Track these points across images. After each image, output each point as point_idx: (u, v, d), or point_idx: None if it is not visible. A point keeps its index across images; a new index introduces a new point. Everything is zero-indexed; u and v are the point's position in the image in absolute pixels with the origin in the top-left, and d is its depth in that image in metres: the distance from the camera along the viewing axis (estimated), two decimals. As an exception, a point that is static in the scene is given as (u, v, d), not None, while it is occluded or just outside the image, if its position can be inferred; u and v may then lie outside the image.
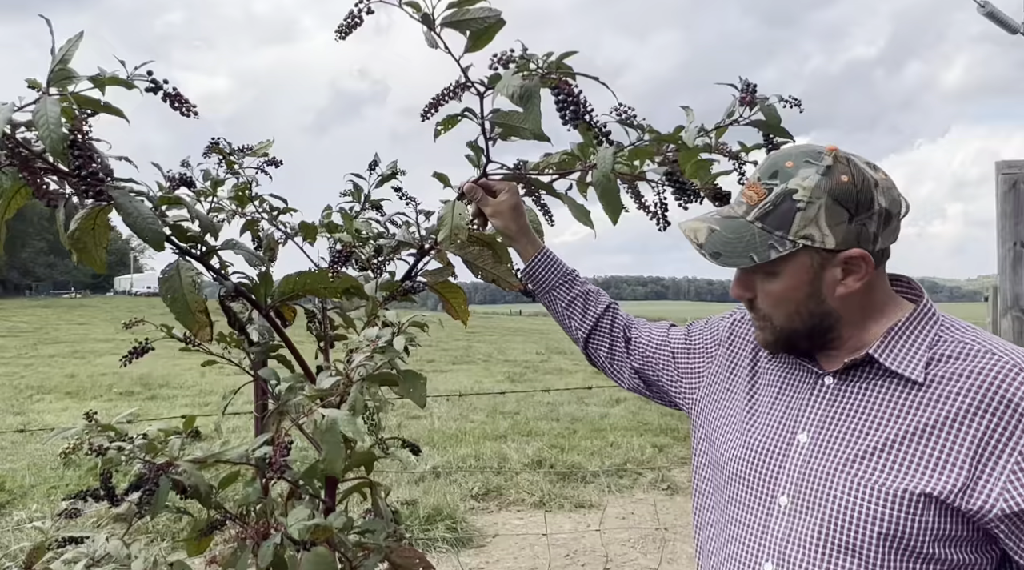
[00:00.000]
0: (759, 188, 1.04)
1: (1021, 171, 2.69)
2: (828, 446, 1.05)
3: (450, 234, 1.11)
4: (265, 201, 1.41)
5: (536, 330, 30.36)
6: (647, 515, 5.44)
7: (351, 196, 1.41)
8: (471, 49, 1.04)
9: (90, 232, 1.01)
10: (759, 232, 1.03)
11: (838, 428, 1.05)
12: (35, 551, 1.16)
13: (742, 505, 1.14)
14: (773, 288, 1.07)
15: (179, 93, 0.98)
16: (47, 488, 6.07)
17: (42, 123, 0.83)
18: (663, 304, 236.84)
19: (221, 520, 1.06)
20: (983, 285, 48.61)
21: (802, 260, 1.04)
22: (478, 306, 21.20)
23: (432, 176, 1.24)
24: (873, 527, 0.98)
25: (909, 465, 0.98)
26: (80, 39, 0.88)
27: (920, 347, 1.04)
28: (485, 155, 1.18)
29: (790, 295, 1.06)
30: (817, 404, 1.09)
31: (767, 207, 1.03)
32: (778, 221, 1.02)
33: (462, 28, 1.01)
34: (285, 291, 1.14)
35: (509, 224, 1.27)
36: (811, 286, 1.05)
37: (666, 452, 7.53)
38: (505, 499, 5.90)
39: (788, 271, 1.05)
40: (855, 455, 1.01)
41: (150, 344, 1.13)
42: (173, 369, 13.71)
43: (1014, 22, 11.86)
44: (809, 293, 1.06)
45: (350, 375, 0.94)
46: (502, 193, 1.27)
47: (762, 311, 1.10)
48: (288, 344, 1.23)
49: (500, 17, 0.99)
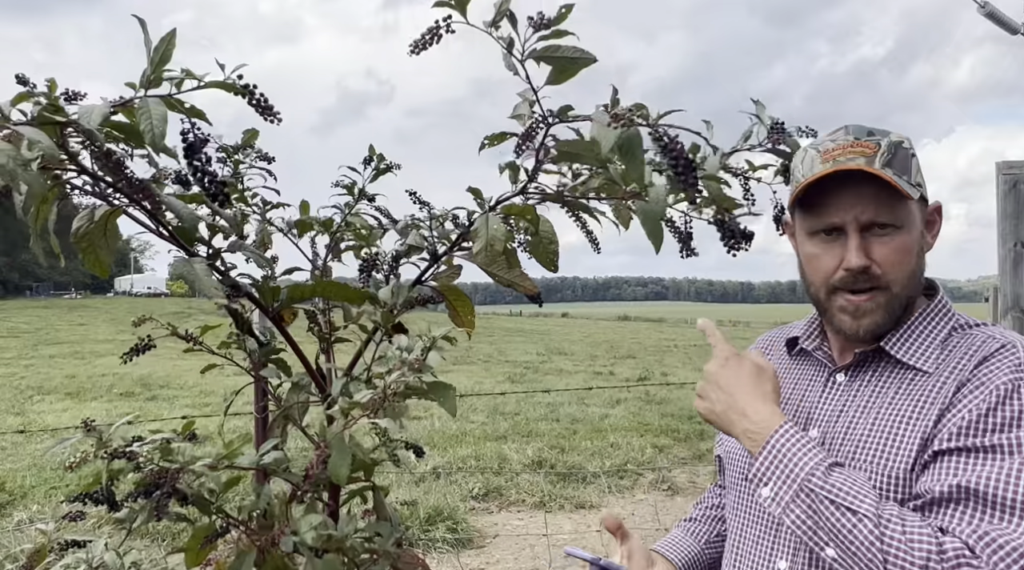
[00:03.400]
0: (867, 143, 1.02)
1: (1022, 172, 2.69)
2: (836, 439, 1.05)
3: (486, 245, 1.10)
4: (258, 194, 1.40)
5: (536, 331, 30.35)
6: (647, 516, 5.44)
7: (346, 190, 1.41)
8: (553, 82, 1.01)
9: (101, 236, 1.01)
10: (893, 176, 0.99)
11: (845, 420, 1.06)
12: (35, 554, 1.16)
13: (751, 505, 1.15)
14: (900, 241, 1.02)
15: (267, 99, 0.97)
16: (47, 489, 6.07)
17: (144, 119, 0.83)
18: (663, 304, 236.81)
19: (225, 528, 1.05)
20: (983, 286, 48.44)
21: (915, 210, 1.03)
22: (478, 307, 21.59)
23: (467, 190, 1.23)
24: None
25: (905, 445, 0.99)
26: (174, 36, 0.87)
27: (933, 341, 1.05)
28: (530, 175, 1.16)
29: (912, 247, 1.03)
30: (828, 400, 1.10)
31: (887, 157, 1.00)
32: (901, 166, 1.01)
33: (551, 63, 0.99)
34: (295, 296, 1.14)
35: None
36: (921, 239, 1.05)
37: (666, 453, 7.53)
38: (505, 500, 5.90)
39: (909, 222, 1.03)
40: (866, 446, 1.02)
41: (152, 341, 1.13)
42: (173, 370, 13.72)
43: (1014, 22, 11.86)
44: (921, 247, 1.05)
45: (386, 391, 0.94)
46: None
47: (882, 278, 1.03)
48: (293, 345, 1.23)
49: (591, 57, 0.97)
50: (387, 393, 0.93)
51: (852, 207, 1.01)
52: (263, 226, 1.39)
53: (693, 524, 1.39)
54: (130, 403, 10.82)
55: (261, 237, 1.38)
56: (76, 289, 66.30)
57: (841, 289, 1.05)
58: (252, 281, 1.15)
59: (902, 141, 1.03)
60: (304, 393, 1.20)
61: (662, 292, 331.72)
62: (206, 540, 1.06)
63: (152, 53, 0.87)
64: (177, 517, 1.03)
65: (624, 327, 38.40)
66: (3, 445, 7.66)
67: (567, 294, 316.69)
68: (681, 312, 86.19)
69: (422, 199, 1.33)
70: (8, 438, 7.75)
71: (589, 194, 1.22)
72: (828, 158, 1.02)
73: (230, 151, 1.34)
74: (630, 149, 0.94)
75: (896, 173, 0.99)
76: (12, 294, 59.97)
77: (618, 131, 0.92)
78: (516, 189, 1.17)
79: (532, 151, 1.09)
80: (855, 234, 1.01)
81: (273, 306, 1.14)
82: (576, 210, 1.23)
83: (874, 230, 1.01)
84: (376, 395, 0.94)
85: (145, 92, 0.88)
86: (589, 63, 0.98)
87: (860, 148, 1.01)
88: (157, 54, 0.86)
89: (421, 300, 1.21)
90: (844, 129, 1.05)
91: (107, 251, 1.02)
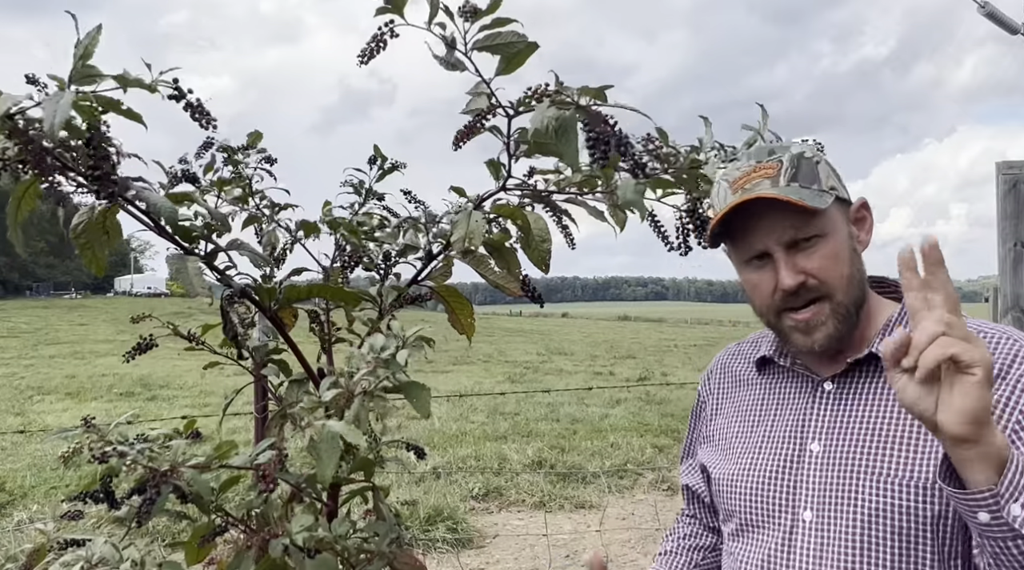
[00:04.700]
0: (769, 164, 1.02)
1: (1022, 172, 2.69)
2: (845, 451, 1.02)
3: (464, 236, 1.10)
4: (266, 197, 1.39)
5: (536, 331, 30.35)
6: (647, 516, 5.44)
7: (353, 189, 1.40)
8: (503, 72, 1.01)
9: (101, 233, 1.01)
10: (800, 190, 1.00)
11: (851, 431, 1.03)
12: (35, 554, 1.16)
13: (756, 529, 1.10)
14: (827, 249, 1.01)
15: (201, 103, 0.97)
16: (47, 489, 6.07)
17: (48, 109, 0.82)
18: (663, 304, 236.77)
19: (224, 526, 1.05)
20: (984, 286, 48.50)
21: (835, 214, 1.03)
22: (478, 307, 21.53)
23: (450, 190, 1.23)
24: (910, 522, 0.96)
25: (928, 453, 0.97)
26: (99, 32, 0.87)
27: None
28: (507, 171, 1.16)
29: (841, 251, 1.02)
30: (822, 411, 1.07)
31: (791, 172, 1.01)
32: (807, 178, 1.01)
33: (495, 52, 0.99)
34: (291, 296, 1.14)
35: None
36: (850, 240, 1.05)
37: (666, 453, 7.53)
38: (505, 500, 5.90)
39: (831, 228, 1.02)
40: (875, 455, 1.00)
41: (154, 340, 1.13)
42: (173, 370, 13.72)
43: (1014, 22, 11.86)
44: (852, 248, 1.04)
45: (352, 389, 0.93)
46: None
47: (820, 288, 1.02)
48: (292, 346, 1.23)
49: (531, 42, 0.97)
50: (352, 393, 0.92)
51: (771, 231, 1.02)
52: (271, 227, 1.39)
53: (670, 557, 1.34)
54: (130, 403, 10.82)
55: (269, 238, 1.38)
56: (76, 289, 66.27)
57: (785, 310, 1.04)
58: (252, 281, 1.15)
59: (804, 151, 1.03)
60: (302, 393, 1.20)
61: (662, 292, 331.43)
62: (204, 538, 1.06)
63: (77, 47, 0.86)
64: (178, 515, 1.03)
65: (624, 327, 38.41)
66: (3, 445, 7.66)
67: (567, 294, 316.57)
68: (681, 312, 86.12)
69: (417, 198, 1.33)
70: (8, 438, 7.75)
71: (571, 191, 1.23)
72: (736, 188, 1.03)
73: (231, 151, 1.34)
74: (564, 131, 0.95)
75: (803, 185, 1.00)
76: (12, 294, 59.97)
77: (550, 113, 0.93)
78: (498, 185, 1.18)
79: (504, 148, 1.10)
80: (782, 255, 1.02)
81: (271, 306, 1.14)
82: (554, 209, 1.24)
83: (799, 245, 1.01)
84: (340, 395, 0.93)
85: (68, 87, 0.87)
86: (531, 49, 0.98)
87: (763, 171, 1.02)
88: (81, 49, 0.86)
89: (410, 299, 1.20)
90: (747, 154, 1.07)
91: (104, 248, 1.02)
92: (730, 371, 1.26)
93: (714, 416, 1.25)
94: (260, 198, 1.38)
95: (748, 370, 1.22)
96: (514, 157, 1.12)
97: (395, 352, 0.97)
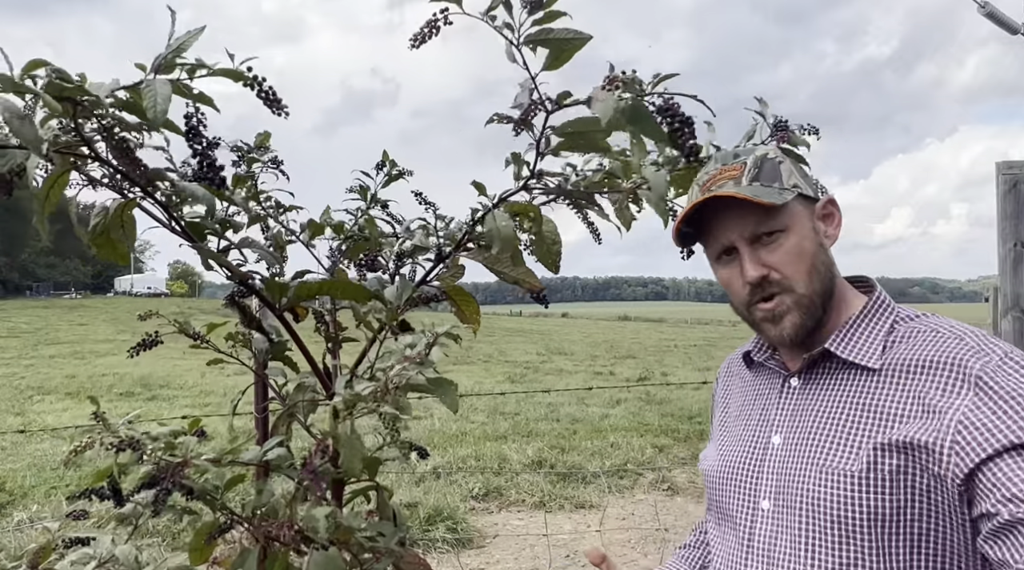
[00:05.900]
0: (734, 166, 1.09)
1: (1022, 172, 2.69)
2: (798, 443, 1.07)
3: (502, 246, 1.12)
4: (272, 197, 1.40)
5: (536, 331, 30.36)
6: (647, 516, 5.44)
7: (358, 193, 1.41)
8: (550, 67, 1.01)
9: (118, 227, 1.02)
10: (760, 188, 1.05)
11: (805, 424, 1.08)
12: (40, 552, 1.16)
13: (728, 518, 1.16)
14: (789, 243, 1.06)
15: (274, 91, 0.98)
16: (47, 489, 6.08)
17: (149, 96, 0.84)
18: (663, 304, 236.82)
19: (228, 525, 1.06)
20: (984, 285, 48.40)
21: (799, 210, 1.08)
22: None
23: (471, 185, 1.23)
24: (846, 512, 0.99)
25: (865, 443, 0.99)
26: (200, 32, 0.89)
27: (877, 336, 1.07)
28: (530, 170, 1.16)
29: (806, 246, 1.07)
30: (785, 405, 1.13)
31: (753, 172, 1.07)
32: (769, 177, 1.07)
33: (546, 46, 0.98)
34: (302, 293, 1.15)
35: None
36: (815, 235, 1.09)
37: (666, 453, 7.54)
38: (505, 500, 5.91)
39: (793, 223, 1.07)
40: (821, 447, 1.04)
41: (159, 337, 1.13)
42: (174, 370, 13.73)
43: (1014, 22, 11.87)
44: (817, 243, 1.09)
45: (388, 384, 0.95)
46: None
47: (782, 282, 1.07)
48: (299, 344, 1.23)
49: (585, 36, 0.97)
50: (389, 386, 0.94)
51: (735, 226, 1.08)
52: (277, 227, 1.39)
53: (686, 550, 1.41)
54: (130, 403, 10.82)
55: (275, 239, 1.38)
56: (76, 289, 66.24)
57: (754, 302, 1.10)
58: (261, 278, 1.16)
59: (767, 153, 1.10)
60: (309, 392, 1.21)
61: (662, 292, 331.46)
62: (209, 536, 1.06)
63: (172, 40, 0.88)
64: (183, 511, 1.04)
65: (624, 327, 38.43)
66: (3, 445, 7.66)
67: (567, 294, 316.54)
68: (681, 312, 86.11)
69: (427, 200, 1.34)
70: (8, 438, 7.76)
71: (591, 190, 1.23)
72: (705, 190, 1.09)
73: (245, 151, 1.34)
74: (637, 116, 0.95)
75: (764, 183, 1.06)
76: (12, 294, 59.94)
77: (618, 99, 0.93)
78: (519, 184, 1.18)
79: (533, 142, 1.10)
80: (746, 249, 1.08)
81: (281, 303, 1.15)
82: (580, 204, 1.24)
83: (763, 240, 1.07)
84: (379, 387, 0.94)
85: (155, 75, 0.89)
86: (583, 42, 0.98)
87: (728, 173, 1.08)
88: (177, 42, 0.88)
89: (424, 299, 1.21)
90: (714, 158, 1.14)
91: (125, 240, 1.03)
92: (731, 368, 1.33)
93: (716, 411, 1.33)
94: (265, 199, 1.38)
95: (742, 366, 1.28)
96: (541, 155, 1.12)
97: (428, 351, 0.99)
